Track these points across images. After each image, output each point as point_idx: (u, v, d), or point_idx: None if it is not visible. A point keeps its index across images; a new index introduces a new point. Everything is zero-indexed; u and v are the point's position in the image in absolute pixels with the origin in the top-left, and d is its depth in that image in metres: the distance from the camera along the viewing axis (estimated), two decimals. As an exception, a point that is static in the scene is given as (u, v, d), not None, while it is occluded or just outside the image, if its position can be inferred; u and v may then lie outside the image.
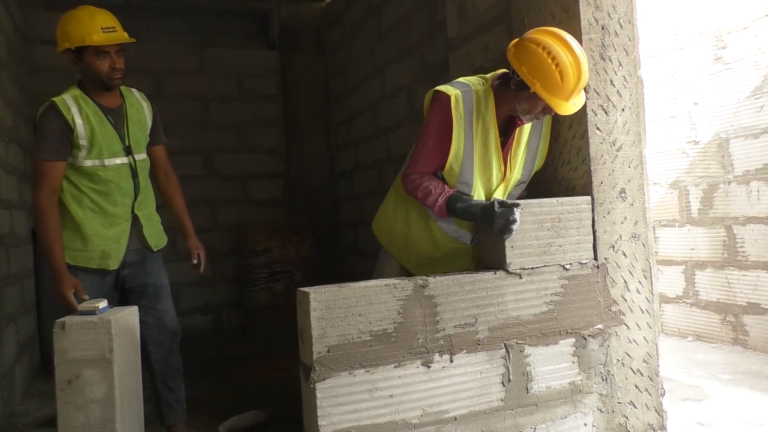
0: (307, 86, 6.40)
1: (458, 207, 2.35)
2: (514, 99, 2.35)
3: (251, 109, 6.35)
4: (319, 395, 1.98)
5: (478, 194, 2.43)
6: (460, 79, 2.48)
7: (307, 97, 6.40)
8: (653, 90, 4.96)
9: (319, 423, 1.97)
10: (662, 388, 2.55)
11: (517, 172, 2.49)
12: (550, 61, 2.18)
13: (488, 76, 2.50)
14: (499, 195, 2.46)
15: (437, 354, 2.14)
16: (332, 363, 2.00)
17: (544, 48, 2.19)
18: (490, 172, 2.43)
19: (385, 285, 2.09)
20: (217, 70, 6.21)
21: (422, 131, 2.46)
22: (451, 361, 2.16)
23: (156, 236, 2.96)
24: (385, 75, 5.06)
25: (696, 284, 4.78)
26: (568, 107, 2.25)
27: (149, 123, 2.96)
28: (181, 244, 3.23)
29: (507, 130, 2.46)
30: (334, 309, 2.01)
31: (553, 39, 2.21)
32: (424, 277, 2.16)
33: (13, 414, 3.76)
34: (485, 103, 2.39)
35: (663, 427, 2.53)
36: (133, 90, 2.96)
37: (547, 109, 2.30)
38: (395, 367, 2.08)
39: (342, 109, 6.15)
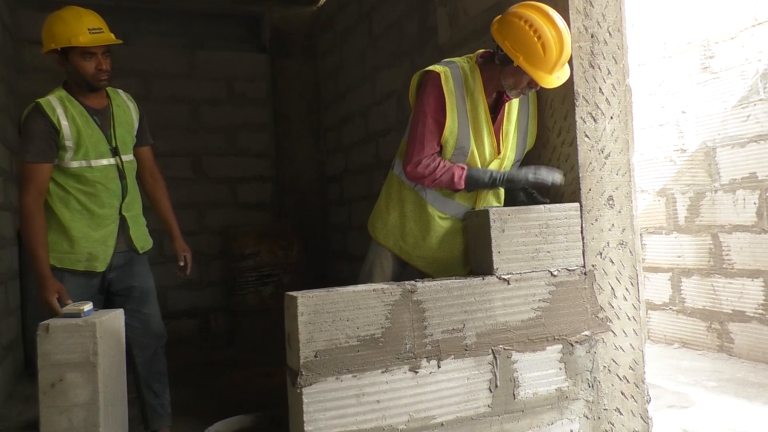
0: (297, 90, 6.40)
1: (480, 172, 2.44)
2: (500, 74, 2.38)
3: (241, 112, 6.32)
4: (305, 400, 1.97)
5: (474, 164, 2.47)
6: (445, 59, 2.54)
7: (298, 102, 6.40)
8: (641, 98, 5.00)
9: (305, 428, 1.96)
10: (648, 395, 2.56)
11: (510, 150, 2.53)
12: (532, 33, 2.21)
13: (473, 54, 2.55)
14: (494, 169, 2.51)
15: (425, 359, 2.14)
16: (319, 368, 1.99)
17: (526, 21, 2.23)
18: (482, 147, 2.47)
19: (374, 290, 2.09)
20: (208, 73, 6.18)
21: (417, 114, 2.46)
22: (439, 367, 2.16)
23: (142, 238, 2.94)
24: (376, 80, 5.06)
25: (682, 291, 4.81)
26: (551, 80, 2.28)
27: (136, 124, 2.94)
28: (168, 247, 3.22)
29: (496, 107, 2.50)
30: (321, 313, 2.00)
31: (536, 12, 2.25)
32: (413, 282, 2.16)
33: (-5, 417, 3.72)
34: (473, 79, 2.44)
35: (649, 433, 2.54)
36: (120, 91, 2.94)
37: (532, 83, 2.33)
38: (382, 372, 2.07)
39: (332, 114, 6.14)
